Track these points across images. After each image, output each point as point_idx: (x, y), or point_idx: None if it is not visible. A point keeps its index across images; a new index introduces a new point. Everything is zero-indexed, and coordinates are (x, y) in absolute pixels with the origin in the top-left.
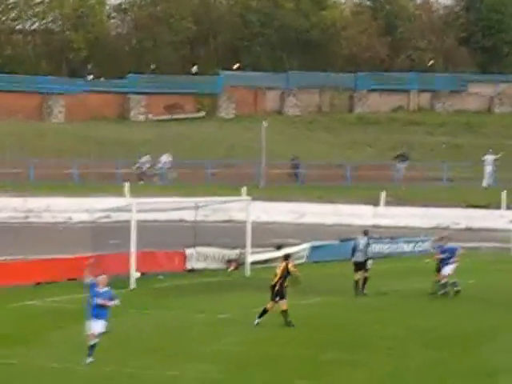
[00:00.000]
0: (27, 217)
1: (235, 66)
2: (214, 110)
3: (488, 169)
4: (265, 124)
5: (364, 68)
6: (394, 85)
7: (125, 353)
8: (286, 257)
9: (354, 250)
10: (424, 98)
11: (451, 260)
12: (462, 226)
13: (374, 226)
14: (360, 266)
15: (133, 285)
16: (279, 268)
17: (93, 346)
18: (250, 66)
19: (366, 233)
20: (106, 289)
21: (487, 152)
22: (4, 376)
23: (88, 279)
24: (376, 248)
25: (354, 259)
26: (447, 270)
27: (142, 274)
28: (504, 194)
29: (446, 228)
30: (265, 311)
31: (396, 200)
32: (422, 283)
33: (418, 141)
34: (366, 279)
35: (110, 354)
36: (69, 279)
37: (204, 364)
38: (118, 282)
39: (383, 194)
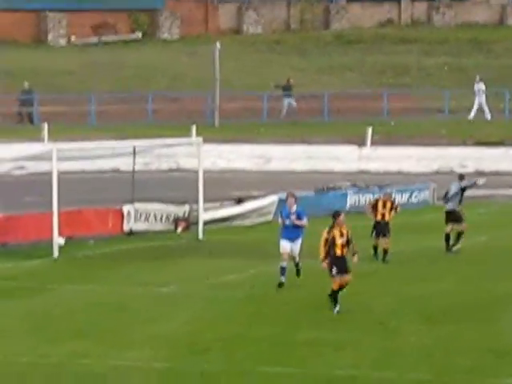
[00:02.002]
0: None
1: None
2: (153, 30)
3: (478, 100)
4: (218, 46)
5: None
6: None
7: (47, 339)
8: (336, 214)
9: (446, 196)
10: (419, 8)
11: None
12: (470, 169)
13: (360, 172)
14: (451, 217)
15: (56, 253)
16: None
17: None
18: None
19: (461, 177)
20: None
21: (476, 80)
22: None
23: None
24: (362, 199)
25: (446, 208)
26: (297, 247)
27: (68, 238)
28: None
29: (450, 173)
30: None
31: (386, 138)
32: (419, 242)
33: (413, 63)
34: (459, 234)
35: (27, 341)
36: None
37: (149, 350)
38: (38, 249)
39: (369, 131)
